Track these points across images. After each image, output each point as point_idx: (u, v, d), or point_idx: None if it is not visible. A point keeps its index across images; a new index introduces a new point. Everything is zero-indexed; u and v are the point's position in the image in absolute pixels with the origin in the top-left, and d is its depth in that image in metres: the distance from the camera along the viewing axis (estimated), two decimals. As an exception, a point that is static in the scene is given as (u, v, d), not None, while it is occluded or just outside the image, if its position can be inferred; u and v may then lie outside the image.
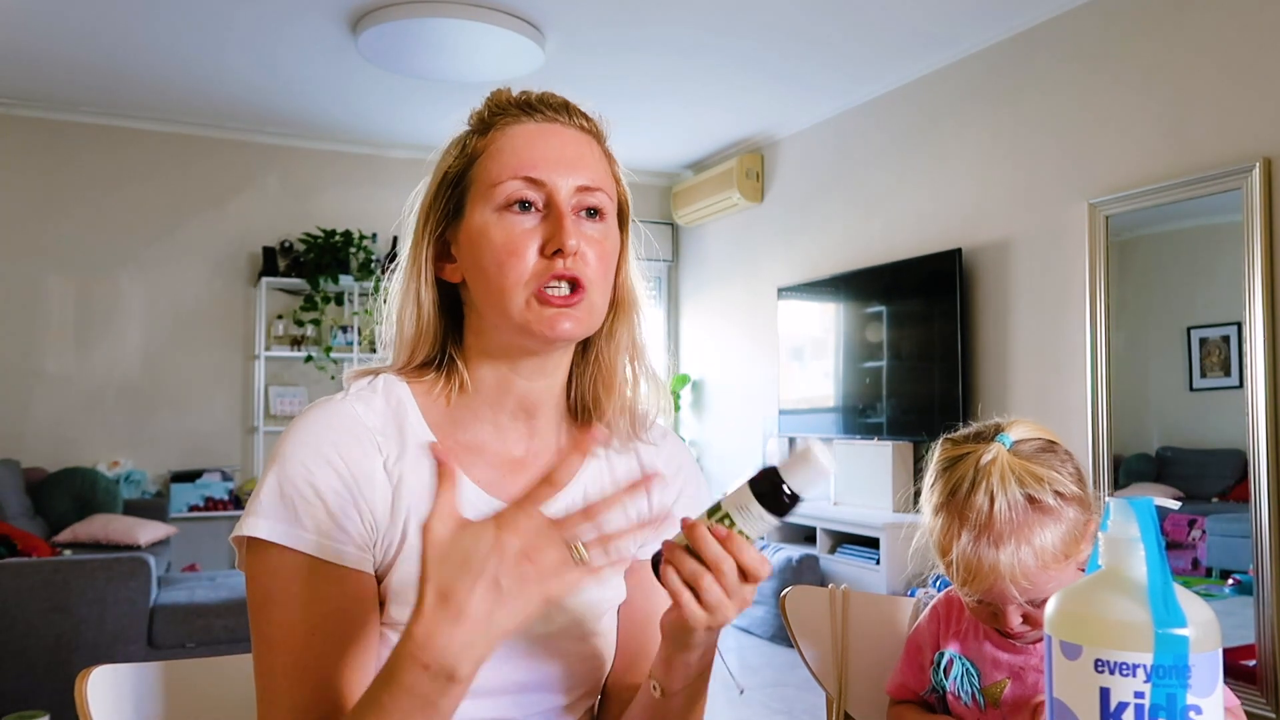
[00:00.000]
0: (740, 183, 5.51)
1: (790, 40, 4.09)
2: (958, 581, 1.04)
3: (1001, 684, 1.09)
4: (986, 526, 1.01)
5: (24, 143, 5.01)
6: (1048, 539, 1.01)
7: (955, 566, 1.03)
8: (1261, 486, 2.93)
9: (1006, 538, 1.00)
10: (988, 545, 1.00)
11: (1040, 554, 1.00)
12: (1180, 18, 3.28)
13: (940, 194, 4.32)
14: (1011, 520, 1.01)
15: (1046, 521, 1.01)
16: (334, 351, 5.37)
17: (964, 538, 1.02)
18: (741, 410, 5.79)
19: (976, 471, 1.04)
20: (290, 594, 0.82)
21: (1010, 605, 1.03)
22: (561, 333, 0.86)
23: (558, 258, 0.86)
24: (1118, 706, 0.61)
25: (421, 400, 0.93)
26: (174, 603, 3.22)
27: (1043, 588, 1.00)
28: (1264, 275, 2.95)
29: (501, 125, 0.91)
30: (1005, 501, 1.01)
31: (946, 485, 1.06)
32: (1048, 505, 1.02)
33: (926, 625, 1.20)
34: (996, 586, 1.01)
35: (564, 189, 0.88)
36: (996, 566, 1.00)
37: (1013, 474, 1.03)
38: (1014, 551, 1.00)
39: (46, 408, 5.01)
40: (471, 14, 3.76)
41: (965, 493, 1.04)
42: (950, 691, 1.14)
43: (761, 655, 4.34)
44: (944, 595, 1.19)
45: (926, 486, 1.10)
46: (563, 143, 0.90)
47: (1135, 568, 0.64)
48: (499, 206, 0.88)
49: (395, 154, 5.66)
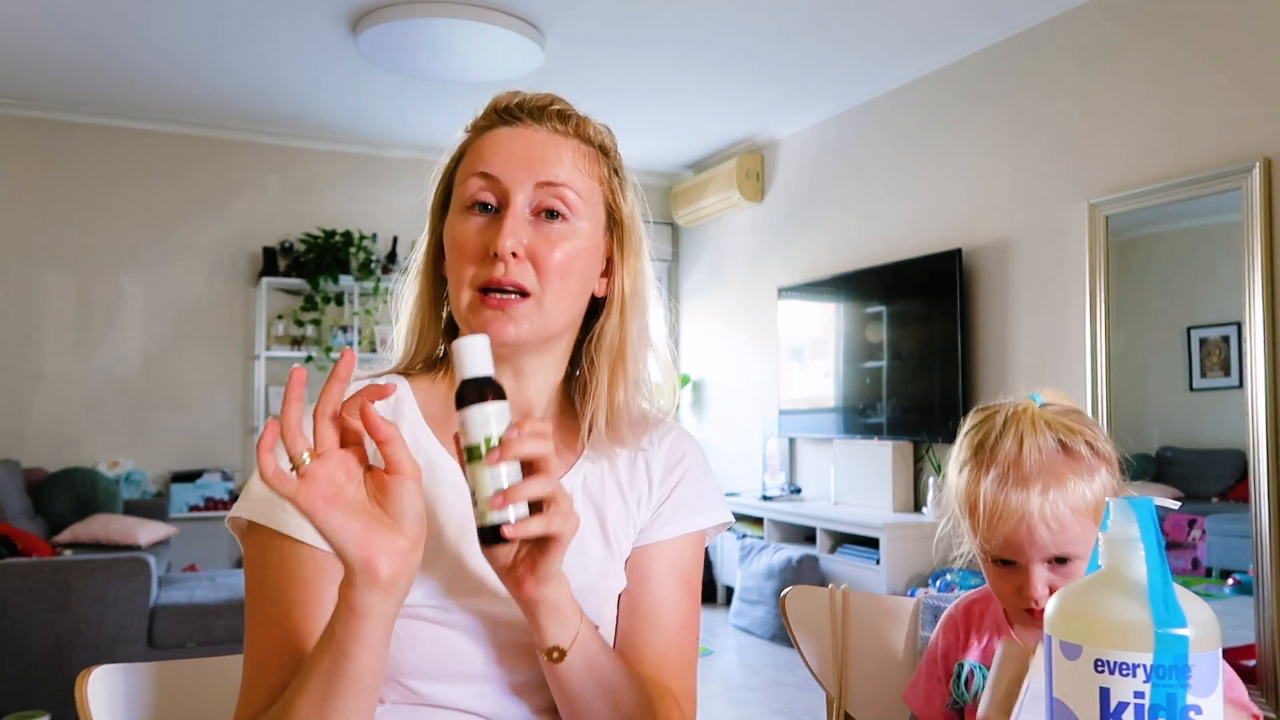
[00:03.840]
0: (740, 183, 5.51)
1: (790, 40, 4.09)
2: (983, 530, 1.00)
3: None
4: (1015, 465, 0.98)
5: (24, 143, 5.01)
6: (1081, 489, 0.98)
7: (981, 511, 0.99)
8: (1261, 486, 2.93)
9: (1035, 478, 0.97)
10: (1015, 486, 0.97)
11: (1071, 499, 0.97)
12: (1180, 18, 3.28)
13: (940, 194, 4.32)
14: (1041, 461, 0.98)
15: (1079, 470, 0.99)
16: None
17: (990, 476, 0.99)
18: (741, 410, 5.79)
19: (1006, 420, 1.02)
20: (272, 576, 0.84)
21: (1035, 565, 0.98)
22: (501, 336, 0.87)
23: (496, 261, 0.87)
24: (1118, 706, 0.61)
25: (420, 396, 0.95)
26: (174, 603, 3.22)
27: (1070, 542, 0.97)
28: (1264, 275, 2.95)
29: (481, 129, 0.94)
30: (1035, 444, 0.99)
31: (975, 439, 1.04)
32: (1079, 453, 0.99)
33: (943, 636, 1.17)
34: (1022, 531, 0.97)
35: (521, 188, 0.89)
36: (1024, 506, 0.96)
37: (1044, 420, 1.01)
38: (1042, 492, 0.97)
39: (46, 408, 5.01)
40: (471, 14, 3.76)
41: (994, 439, 1.02)
42: (971, 705, 1.10)
43: (761, 655, 4.34)
44: (961, 604, 1.16)
45: (954, 454, 1.08)
46: (528, 144, 0.91)
47: (1135, 568, 0.64)
48: (462, 206, 0.91)
49: (395, 154, 5.66)
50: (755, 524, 5.15)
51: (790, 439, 5.32)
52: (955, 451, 1.08)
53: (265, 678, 0.82)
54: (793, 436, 5.29)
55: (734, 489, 5.63)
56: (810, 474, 5.16)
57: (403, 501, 0.73)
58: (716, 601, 5.38)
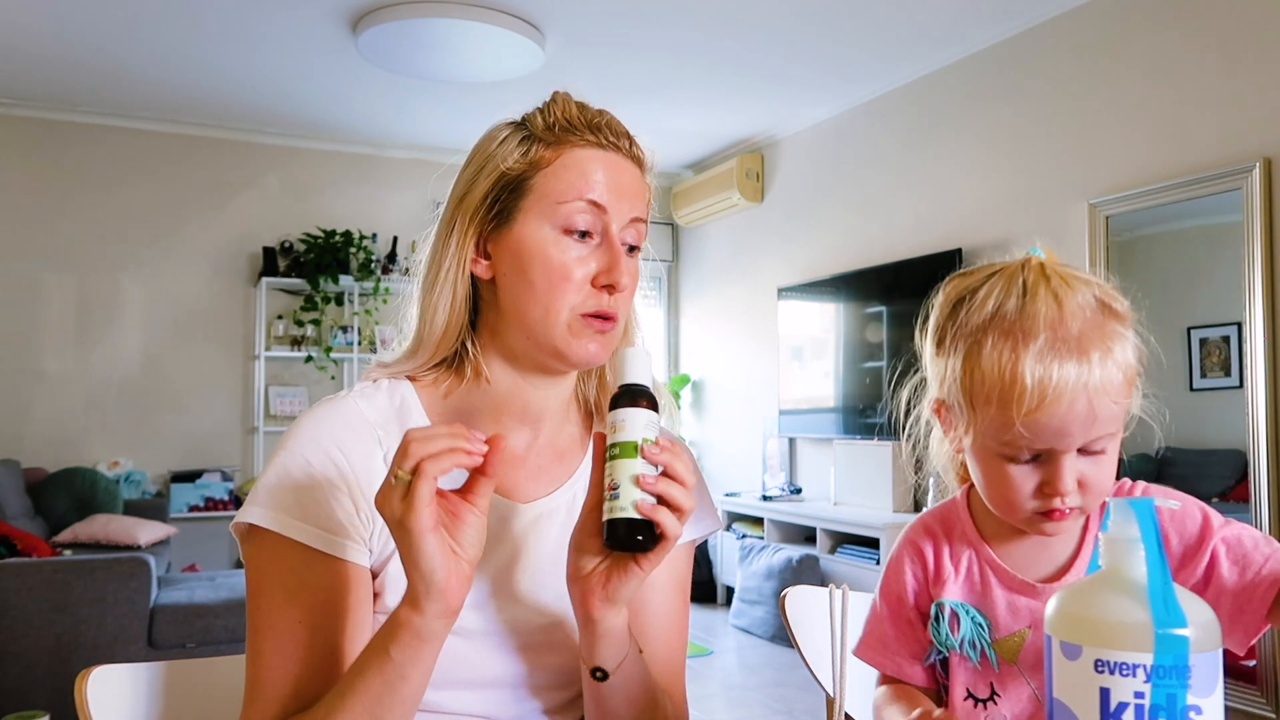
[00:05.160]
0: (740, 183, 5.51)
1: (791, 40, 4.09)
2: (1021, 417, 0.79)
3: (1020, 635, 0.90)
4: (1060, 330, 0.79)
5: (24, 143, 5.01)
6: (1127, 352, 0.82)
7: (1021, 393, 0.79)
8: (1261, 486, 2.93)
9: (1089, 343, 0.79)
10: (1069, 355, 0.79)
11: (1125, 368, 0.81)
12: (1180, 18, 3.28)
13: (940, 194, 4.32)
14: (1089, 323, 0.81)
15: (1125, 332, 0.82)
16: (334, 352, 5.37)
17: (1034, 348, 0.79)
18: (741, 410, 5.79)
19: (1025, 278, 0.84)
20: (283, 582, 0.84)
21: (1067, 456, 0.82)
22: (590, 357, 0.90)
23: (605, 292, 0.89)
24: (1118, 707, 0.61)
25: (425, 399, 0.94)
26: (174, 603, 3.22)
27: (1117, 417, 0.82)
28: (1264, 275, 2.95)
29: (570, 143, 0.91)
30: (1077, 303, 0.81)
31: (984, 306, 0.84)
32: (1120, 311, 0.83)
33: (910, 570, 0.96)
34: (1075, 410, 0.79)
35: (619, 219, 0.91)
36: (1082, 379, 0.78)
37: (1073, 276, 0.83)
38: (1102, 360, 0.79)
39: (46, 408, 5.01)
40: (471, 14, 3.76)
41: (1020, 302, 0.82)
42: (960, 653, 0.93)
43: (761, 655, 4.34)
44: (920, 528, 0.98)
45: (944, 334, 0.88)
46: (623, 172, 0.92)
47: (1135, 568, 0.64)
48: (560, 225, 0.89)
49: (395, 154, 5.66)
50: (755, 524, 5.15)
51: (790, 439, 5.32)
52: (945, 330, 0.88)
53: (277, 684, 0.82)
54: (793, 436, 5.29)
55: (734, 489, 5.63)
56: (810, 474, 5.16)
57: (472, 531, 0.76)
58: (716, 601, 5.38)
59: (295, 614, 0.83)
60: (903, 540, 0.99)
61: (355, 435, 0.88)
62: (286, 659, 0.82)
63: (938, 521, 0.98)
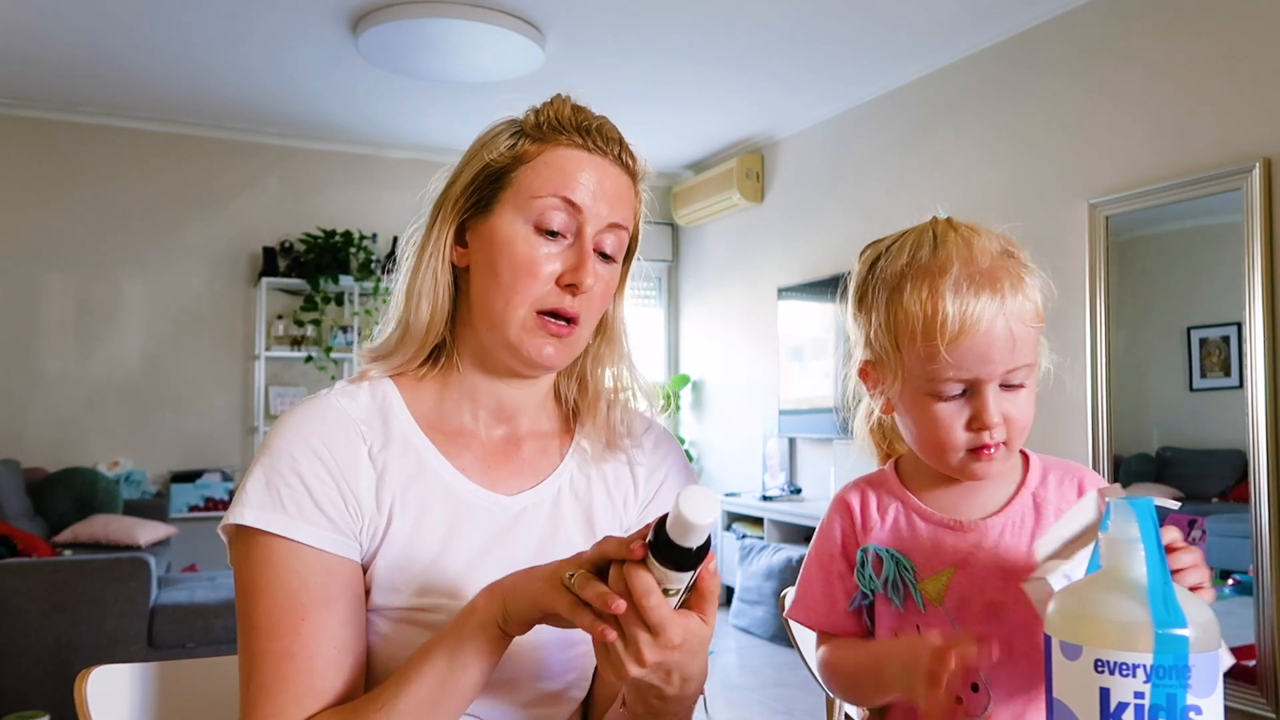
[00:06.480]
0: (740, 183, 5.51)
1: (791, 40, 4.09)
2: (944, 348, 0.85)
3: (944, 576, 0.92)
4: (971, 266, 0.87)
5: (24, 143, 5.00)
6: (1033, 292, 0.89)
7: (941, 325, 0.85)
8: (1261, 486, 2.93)
9: (998, 277, 0.87)
10: (980, 287, 0.86)
11: (1035, 302, 0.89)
12: (1180, 18, 3.28)
13: (940, 194, 4.31)
14: (995, 260, 0.88)
15: (1027, 273, 0.90)
16: (334, 352, 5.37)
17: (947, 281, 0.86)
18: (741, 410, 5.79)
19: (935, 229, 0.92)
20: (276, 581, 0.84)
21: (992, 385, 0.87)
22: (545, 359, 0.91)
23: (569, 292, 0.90)
24: (1118, 707, 0.61)
25: (408, 397, 0.95)
26: (174, 603, 3.22)
27: (1030, 350, 0.88)
28: (1264, 275, 2.95)
29: (557, 142, 0.92)
30: (983, 246, 0.89)
31: (898, 260, 0.91)
32: (1022, 259, 0.91)
33: (839, 527, 1.01)
34: (989, 339, 0.85)
35: (596, 222, 0.91)
36: (992, 307, 0.85)
37: (976, 225, 0.92)
38: (1011, 290, 0.87)
39: (46, 408, 5.01)
40: (471, 14, 3.76)
41: (930, 250, 0.90)
42: (882, 593, 0.95)
43: (761, 655, 4.34)
44: (851, 489, 1.03)
45: (867, 290, 0.95)
46: (611, 181, 0.93)
47: (1135, 568, 0.64)
48: (533, 221, 0.90)
49: (395, 154, 5.66)
50: (755, 524, 5.15)
51: (790, 439, 5.31)
52: (865, 286, 0.95)
53: (280, 684, 0.82)
54: (793, 436, 5.29)
55: (734, 489, 5.63)
56: (810, 474, 5.15)
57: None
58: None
59: (293, 612, 0.83)
60: (832, 501, 1.04)
61: (339, 431, 0.89)
62: (283, 657, 0.82)
63: (865, 480, 1.03)
